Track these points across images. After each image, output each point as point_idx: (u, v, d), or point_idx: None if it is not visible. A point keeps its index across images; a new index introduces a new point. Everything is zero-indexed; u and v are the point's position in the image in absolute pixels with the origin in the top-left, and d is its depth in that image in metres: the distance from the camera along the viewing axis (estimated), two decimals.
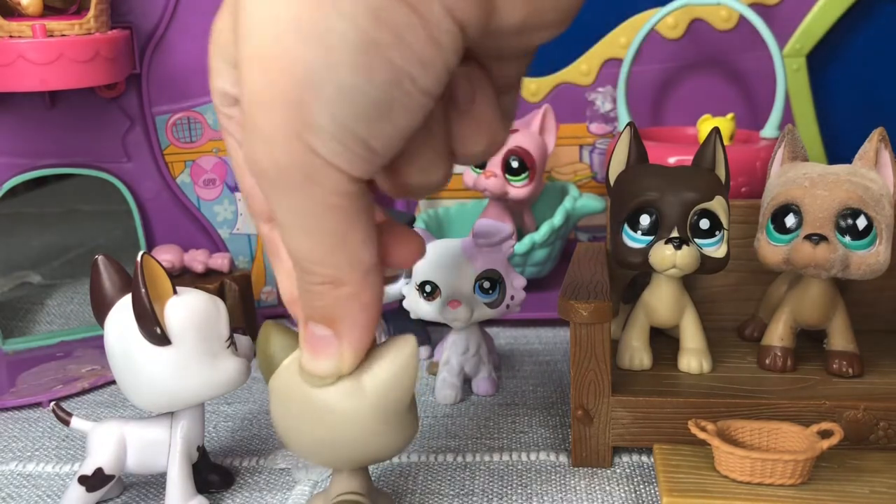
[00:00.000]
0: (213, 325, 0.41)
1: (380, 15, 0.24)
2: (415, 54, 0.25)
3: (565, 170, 0.78)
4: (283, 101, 0.25)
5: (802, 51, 0.73)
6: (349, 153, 0.26)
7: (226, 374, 0.41)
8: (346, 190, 0.27)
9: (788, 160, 0.51)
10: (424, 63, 0.25)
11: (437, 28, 0.25)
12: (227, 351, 0.41)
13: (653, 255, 0.47)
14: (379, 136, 0.26)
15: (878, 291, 0.55)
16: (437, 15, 0.25)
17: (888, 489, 0.40)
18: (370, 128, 0.26)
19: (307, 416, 0.34)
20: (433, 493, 0.45)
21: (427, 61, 0.25)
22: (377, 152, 0.27)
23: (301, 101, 0.25)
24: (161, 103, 0.68)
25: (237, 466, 0.48)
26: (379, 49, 0.25)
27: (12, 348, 0.64)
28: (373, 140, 0.26)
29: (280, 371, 0.34)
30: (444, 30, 0.25)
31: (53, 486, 0.47)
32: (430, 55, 0.25)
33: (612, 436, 0.46)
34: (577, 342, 0.45)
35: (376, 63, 0.25)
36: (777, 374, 0.49)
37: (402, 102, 0.26)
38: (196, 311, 0.40)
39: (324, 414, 0.33)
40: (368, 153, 0.27)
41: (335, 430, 0.33)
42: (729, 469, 0.41)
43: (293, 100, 0.25)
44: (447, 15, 0.25)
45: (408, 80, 0.25)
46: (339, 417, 0.33)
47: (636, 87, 0.74)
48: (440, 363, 0.57)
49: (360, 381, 0.33)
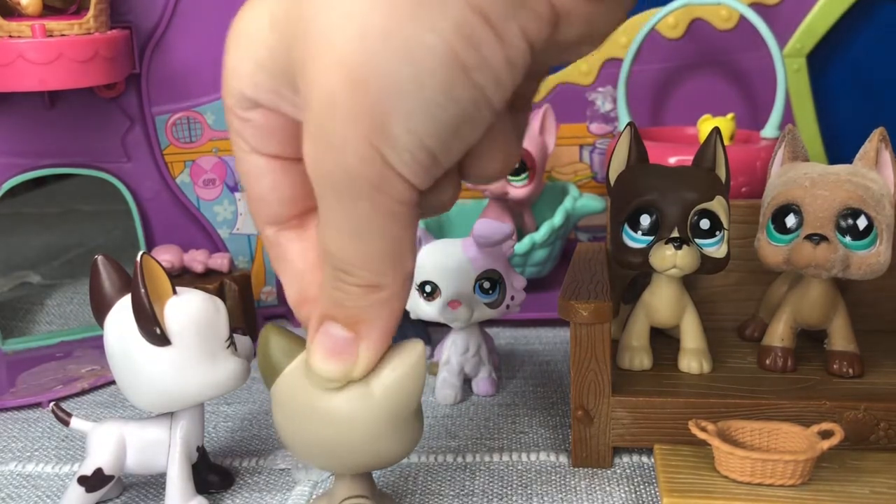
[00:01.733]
0: (213, 326, 0.41)
1: (467, 33, 0.24)
2: (493, 74, 0.25)
3: (565, 170, 0.78)
4: (363, 109, 0.25)
5: (803, 51, 0.73)
6: (418, 166, 0.27)
7: (225, 375, 0.41)
8: (409, 199, 0.28)
9: (789, 160, 0.51)
10: (499, 82, 0.26)
11: (513, 48, 0.25)
12: (226, 351, 0.41)
13: (653, 256, 0.47)
14: (448, 151, 0.27)
15: (878, 291, 0.55)
16: (513, 34, 0.25)
17: (888, 489, 0.40)
18: (442, 143, 0.26)
19: (312, 421, 0.33)
20: (433, 494, 0.45)
21: (502, 81, 0.26)
22: (441, 166, 0.27)
23: (382, 111, 0.25)
24: (161, 103, 0.68)
25: (237, 467, 0.48)
26: (465, 69, 0.25)
27: (12, 348, 0.64)
28: (441, 154, 0.27)
29: (284, 376, 0.34)
30: (519, 49, 0.25)
31: (53, 486, 0.47)
32: (505, 75, 0.26)
33: (613, 436, 0.46)
34: (577, 342, 0.45)
35: (460, 81, 0.25)
36: (777, 374, 0.49)
37: (475, 120, 0.26)
38: (196, 312, 0.40)
39: (329, 419, 0.33)
40: (435, 166, 0.27)
41: (341, 436, 0.33)
42: (729, 469, 0.41)
43: (374, 110, 0.25)
44: (522, 34, 0.25)
45: (483, 100, 0.26)
46: (345, 423, 0.33)
47: (636, 87, 0.74)
48: (440, 363, 0.57)
49: (367, 385, 0.32)
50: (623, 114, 0.71)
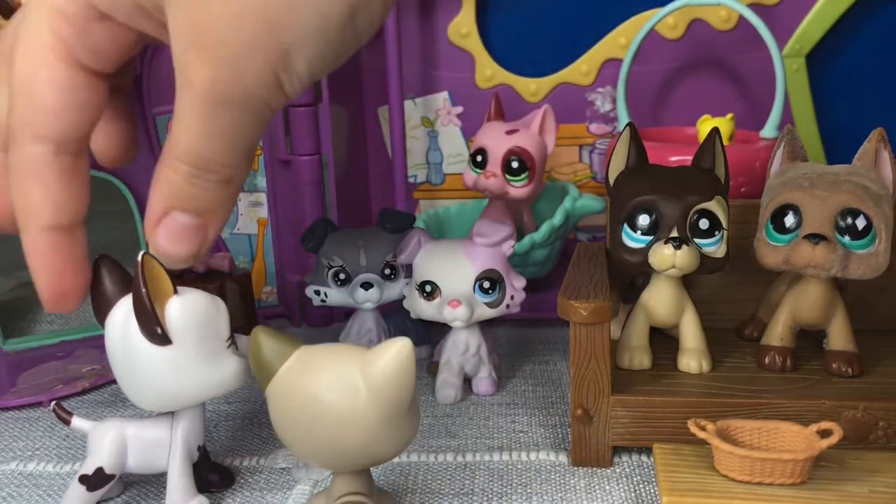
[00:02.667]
0: (214, 325, 0.41)
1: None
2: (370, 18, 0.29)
3: (565, 170, 0.78)
4: (275, 48, 0.28)
5: (802, 51, 0.73)
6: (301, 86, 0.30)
7: (226, 374, 0.41)
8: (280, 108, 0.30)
9: (788, 160, 0.51)
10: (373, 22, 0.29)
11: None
12: (227, 351, 0.41)
13: (652, 255, 0.47)
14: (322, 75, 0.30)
15: (877, 291, 0.55)
16: None
17: (888, 489, 0.40)
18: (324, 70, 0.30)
19: (309, 419, 0.34)
20: (433, 493, 0.45)
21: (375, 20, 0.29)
22: None
23: (290, 51, 0.28)
24: (161, 103, 0.68)
25: (237, 466, 0.48)
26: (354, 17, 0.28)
27: (13, 348, 0.64)
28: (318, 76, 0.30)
29: (279, 376, 0.34)
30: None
31: (54, 485, 0.47)
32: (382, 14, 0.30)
33: (612, 435, 0.46)
34: (577, 342, 0.46)
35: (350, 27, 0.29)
36: (777, 373, 0.50)
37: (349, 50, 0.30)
38: (196, 311, 0.40)
39: (325, 416, 0.33)
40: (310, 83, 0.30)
41: (337, 433, 0.33)
42: (728, 469, 0.41)
43: (283, 49, 0.28)
44: None
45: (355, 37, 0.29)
46: (340, 420, 0.33)
47: (636, 87, 0.74)
48: (440, 363, 0.57)
49: (361, 383, 0.33)
50: (622, 114, 0.71)
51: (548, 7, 0.76)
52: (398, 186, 0.74)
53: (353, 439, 0.34)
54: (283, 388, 0.34)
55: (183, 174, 0.31)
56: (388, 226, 0.59)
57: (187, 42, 0.29)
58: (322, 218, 0.62)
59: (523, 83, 0.76)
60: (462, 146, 0.78)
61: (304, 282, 0.62)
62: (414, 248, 0.55)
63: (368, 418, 0.33)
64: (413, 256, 0.55)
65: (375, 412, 0.33)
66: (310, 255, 0.62)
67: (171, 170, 0.31)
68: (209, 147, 0.31)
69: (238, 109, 0.30)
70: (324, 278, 0.59)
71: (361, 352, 0.34)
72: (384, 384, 0.33)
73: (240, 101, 0.29)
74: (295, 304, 0.73)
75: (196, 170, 0.31)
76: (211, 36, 0.28)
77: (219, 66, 0.29)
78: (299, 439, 0.35)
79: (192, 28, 0.28)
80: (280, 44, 0.28)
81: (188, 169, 0.31)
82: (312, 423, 0.34)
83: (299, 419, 0.34)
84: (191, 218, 0.32)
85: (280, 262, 0.73)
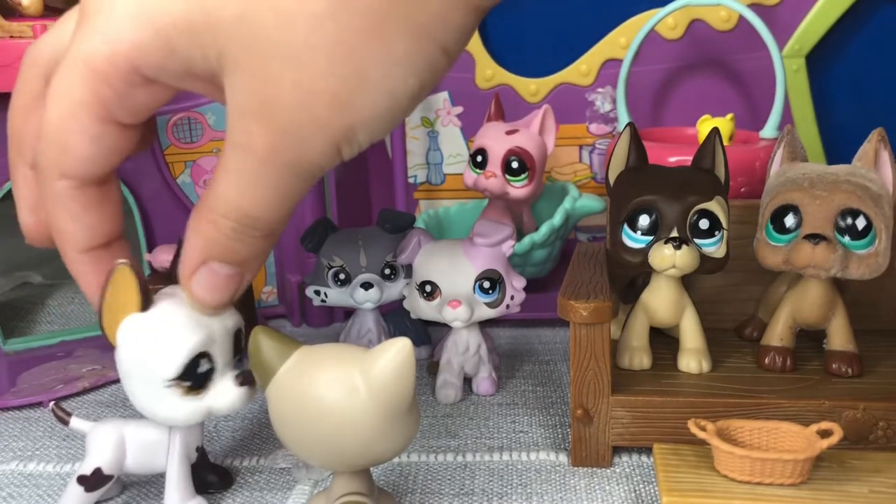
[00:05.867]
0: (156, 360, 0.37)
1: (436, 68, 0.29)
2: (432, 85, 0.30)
3: (565, 170, 0.78)
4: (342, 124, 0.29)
5: (802, 51, 0.73)
6: (358, 152, 0.30)
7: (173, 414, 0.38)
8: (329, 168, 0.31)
9: (788, 160, 0.51)
10: None
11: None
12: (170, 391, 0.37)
13: (652, 255, 0.47)
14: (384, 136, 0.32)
15: (877, 291, 0.55)
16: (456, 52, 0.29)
17: (888, 489, 0.40)
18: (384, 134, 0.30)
19: (308, 419, 0.34)
20: (433, 493, 0.45)
21: None
22: None
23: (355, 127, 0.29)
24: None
25: (237, 466, 0.48)
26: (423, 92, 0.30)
27: (13, 348, 0.64)
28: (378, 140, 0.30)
29: (279, 376, 0.34)
30: None
31: (54, 485, 0.47)
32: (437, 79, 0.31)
33: (612, 435, 0.46)
34: (577, 342, 0.46)
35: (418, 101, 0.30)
36: (776, 373, 0.50)
37: None
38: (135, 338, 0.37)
39: (325, 417, 0.33)
40: None
41: (337, 433, 0.33)
42: (728, 469, 0.41)
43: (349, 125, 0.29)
44: None
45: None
46: (340, 420, 0.33)
47: (636, 88, 0.74)
48: (440, 363, 0.57)
49: (359, 383, 0.33)
50: (622, 114, 0.71)
51: (548, 7, 0.76)
52: (398, 186, 0.74)
53: (353, 439, 0.34)
54: (283, 389, 0.34)
55: (226, 230, 0.31)
56: (387, 226, 0.59)
57: (250, 110, 0.29)
58: (322, 218, 0.62)
59: (523, 83, 0.76)
60: (462, 146, 0.78)
61: (304, 282, 0.62)
62: (414, 248, 0.55)
63: (368, 418, 0.33)
64: (413, 256, 0.55)
65: (375, 412, 0.33)
66: (310, 254, 0.61)
67: (213, 225, 0.31)
68: (259, 206, 0.31)
69: (294, 176, 0.30)
70: (324, 278, 0.59)
71: (361, 352, 0.34)
72: (384, 384, 0.33)
73: (297, 168, 0.30)
74: (295, 304, 0.73)
75: (241, 226, 0.31)
76: (279, 110, 0.28)
77: (283, 137, 0.29)
78: (299, 439, 0.35)
79: (258, 100, 0.28)
80: (348, 122, 0.29)
81: (233, 225, 0.31)
82: (312, 424, 0.34)
83: (299, 419, 0.34)
84: (228, 269, 0.33)
85: (280, 262, 0.73)
